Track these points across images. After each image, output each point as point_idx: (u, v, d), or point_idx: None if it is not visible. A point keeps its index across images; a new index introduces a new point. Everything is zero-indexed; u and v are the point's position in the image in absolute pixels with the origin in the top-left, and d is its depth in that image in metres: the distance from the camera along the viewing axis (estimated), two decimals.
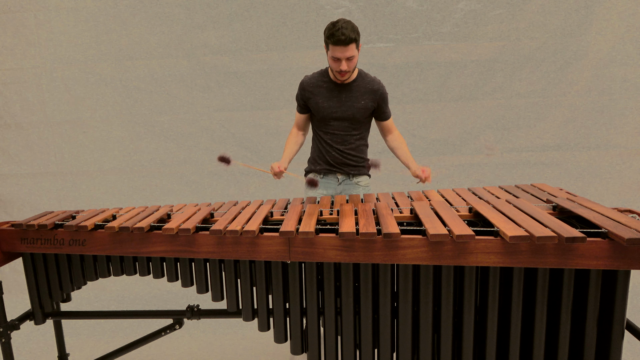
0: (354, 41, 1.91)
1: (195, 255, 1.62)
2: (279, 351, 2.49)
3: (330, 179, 2.25)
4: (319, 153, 2.24)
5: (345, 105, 2.10)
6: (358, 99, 2.10)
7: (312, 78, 2.15)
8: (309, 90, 2.13)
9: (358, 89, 2.10)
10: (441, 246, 1.38)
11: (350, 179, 2.25)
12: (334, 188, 2.25)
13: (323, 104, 2.11)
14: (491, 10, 3.08)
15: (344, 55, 1.92)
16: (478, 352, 1.49)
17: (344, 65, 1.95)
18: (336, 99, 2.10)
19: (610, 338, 1.37)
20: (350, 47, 1.91)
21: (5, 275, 3.46)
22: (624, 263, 1.29)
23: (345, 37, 1.87)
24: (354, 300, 1.54)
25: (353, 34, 1.89)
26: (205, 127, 3.36)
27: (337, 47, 1.90)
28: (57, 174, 3.46)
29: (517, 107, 3.20)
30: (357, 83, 2.10)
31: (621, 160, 3.20)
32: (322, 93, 2.11)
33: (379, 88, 2.12)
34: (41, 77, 3.34)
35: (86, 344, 2.66)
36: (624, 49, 3.07)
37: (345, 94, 2.10)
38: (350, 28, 1.89)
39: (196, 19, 3.21)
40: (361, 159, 2.24)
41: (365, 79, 2.12)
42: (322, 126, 2.18)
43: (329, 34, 1.91)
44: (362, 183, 2.27)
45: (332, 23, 1.93)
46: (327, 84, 2.11)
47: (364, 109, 2.11)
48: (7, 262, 1.85)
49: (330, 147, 2.18)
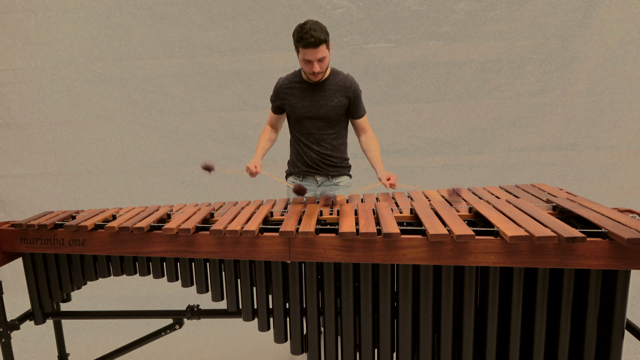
0: (323, 42, 1.90)
1: (195, 255, 1.62)
2: (279, 351, 2.49)
3: (309, 181, 2.25)
4: (296, 155, 2.24)
5: (319, 104, 2.10)
6: (331, 97, 2.10)
7: (286, 79, 2.15)
8: (283, 92, 2.14)
9: (331, 87, 2.10)
10: (441, 246, 1.38)
11: (329, 179, 2.24)
12: (313, 190, 2.25)
13: (297, 104, 2.12)
14: (491, 10, 3.08)
15: (315, 57, 1.92)
16: (478, 352, 1.49)
17: (316, 67, 1.95)
18: (309, 99, 2.11)
19: (610, 338, 1.37)
20: (320, 48, 1.90)
21: (5, 275, 3.46)
22: (624, 263, 1.29)
23: (314, 39, 1.86)
24: (354, 300, 1.54)
25: (322, 34, 1.88)
26: (205, 127, 3.36)
27: (307, 49, 1.90)
28: (57, 174, 3.46)
29: (517, 107, 3.20)
30: (329, 81, 2.10)
31: (621, 160, 3.20)
32: (296, 93, 2.12)
33: (352, 85, 2.12)
34: (41, 77, 3.33)
35: (86, 344, 2.66)
36: (624, 49, 3.06)
37: (318, 93, 2.10)
38: (319, 29, 1.88)
39: (196, 19, 3.21)
40: (340, 159, 2.23)
41: (338, 76, 2.12)
42: (297, 127, 2.18)
43: (298, 38, 1.90)
44: (342, 183, 2.27)
45: (299, 26, 1.91)
46: (300, 84, 2.12)
47: (338, 107, 2.11)
48: (7, 262, 1.85)
49: (308, 148, 2.18)
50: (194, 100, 3.33)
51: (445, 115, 3.25)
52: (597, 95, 3.14)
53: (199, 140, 3.38)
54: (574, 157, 3.23)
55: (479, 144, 3.26)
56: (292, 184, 2.11)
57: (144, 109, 3.35)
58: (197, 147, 3.39)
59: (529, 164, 3.26)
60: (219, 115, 3.35)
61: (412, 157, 3.32)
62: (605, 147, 3.19)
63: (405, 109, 3.25)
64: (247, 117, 3.34)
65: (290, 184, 2.18)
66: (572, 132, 3.20)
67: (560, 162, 3.25)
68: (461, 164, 3.29)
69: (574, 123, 3.19)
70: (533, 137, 3.23)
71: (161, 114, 3.36)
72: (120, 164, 3.43)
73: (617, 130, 3.17)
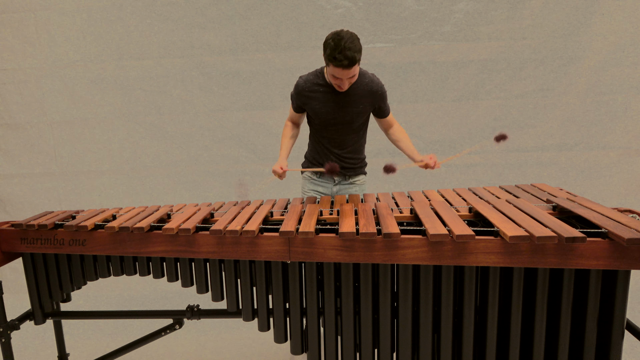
0: (357, 62, 1.75)
1: (195, 255, 1.62)
2: (279, 351, 2.49)
3: (326, 179, 2.21)
4: (315, 154, 2.19)
5: (343, 110, 1.99)
6: (356, 103, 1.98)
7: (308, 81, 2.01)
8: (305, 95, 2.02)
9: (356, 92, 1.96)
10: (441, 246, 1.38)
11: (346, 179, 2.22)
12: (330, 188, 2.22)
13: (320, 109, 2.00)
14: (491, 10, 3.08)
15: (346, 76, 1.80)
16: (478, 352, 1.49)
17: (345, 84, 1.85)
18: (333, 104, 1.98)
19: (610, 338, 1.37)
20: (353, 68, 1.76)
21: (5, 275, 3.46)
22: (624, 263, 1.29)
23: (348, 62, 1.72)
24: (354, 300, 1.54)
25: (357, 54, 1.73)
26: (205, 127, 3.36)
27: (338, 69, 1.76)
28: (57, 174, 3.46)
29: (517, 107, 3.20)
30: (355, 85, 1.95)
31: (621, 160, 3.20)
32: (319, 98, 1.99)
33: (378, 89, 1.99)
34: (41, 77, 3.33)
35: (86, 344, 2.66)
36: (624, 49, 3.06)
37: (342, 97, 1.97)
38: (354, 47, 1.72)
39: (196, 19, 3.21)
40: (359, 160, 2.19)
41: (364, 79, 1.97)
42: (319, 129, 2.10)
43: (331, 56, 1.74)
44: (359, 182, 2.24)
45: (333, 40, 1.73)
46: (324, 88, 1.98)
47: (363, 113, 2.02)
48: (7, 262, 1.85)
49: (329, 151, 2.12)
50: (194, 100, 3.33)
51: (445, 115, 3.25)
52: (597, 95, 3.14)
53: (199, 140, 3.38)
54: (574, 157, 3.23)
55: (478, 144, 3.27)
56: (323, 167, 1.92)
57: (144, 109, 3.35)
58: (197, 147, 3.38)
59: (529, 164, 3.26)
60: (219, 115, 3.35)
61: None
62: (605, 147, 3.19)
63: (405, 109, 3.25)
64: (247, 117, 3.33)
65: (320, 169, 2.08)
66: (572, 132, 3.20)
67: (560, 162, 3.25)
68: (461, 164, 3.29)
69: (574, 123, 3.19)
70: (533, 137, 3.23)
71: (161, 114, 3.36)
72: (120, 164, 3.43)
73: (616, 130, 3.16)
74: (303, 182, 2.29)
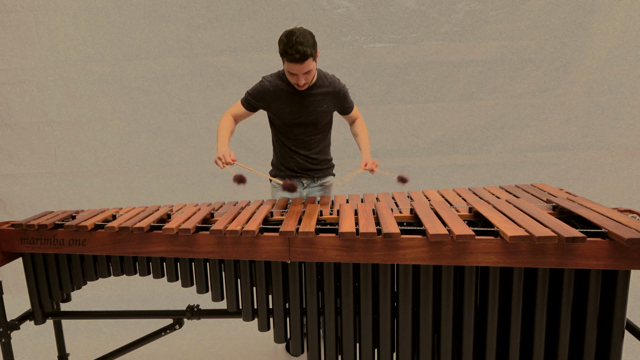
0: (310, 56, 1.80)
1: (195, 255, 1.62)
2: (279, 351, 2.49)
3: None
4: (282, 159, 2.19)
5: (307, 110, 2.03)
6: (320, 103, 2.04)
7: (272, 84, 2.02)
8: (268, 96, 2.03)
9: (319, 92, 2.03)
10: (441, 246, 1.38)
11: (315, 181, 2.25)
12: (299, 192, 2.24)
13: (285, 109, 2.03)
14: (491, 10, 3.08)
15: (300, 71, 1.84)
16: (478, 352, 1.49)
17: (301, 80, 1.88)
18: (297, 104, 2.02)
19: (610, 338, 1.37)
20: (306, 63, 1.81)
21: (5, 275, 3.46)
22: (624, 263, 1.29)
23: (299, 55, 1.77)
24: (354, 300, 1.54)
25: (309, 48, 1.78)
26: (205, 127, 3.36)
27: (292, 64, 1.82)
28: (57, 174, 3.46)
29: (517, 107, 3.20)
30: (317, 85, 2.02)
31: (621, 160, 3.20)
32: (283, 98, 2.02)
33: (340, 88, 2.07)
34: (41, 77, 3.33)
35: (86, 344, 2.66)
36: (624, 49, 3.06)
37: (306, 98, 2.02)
38: (306, 42, 1.77)
39: (196, 19, 3.21)
40: (326, 161, 2.23)
41: (325, 80, 2.05)
42: (284, 132, 2.11)
43: (283, 51, 1.80)
44: (327, 183, 2.28)
45: (285, 36, 1.80)
46: (287, 89, 2.01)
47: (327, 112, 2.08)
48: (7, 262, 1.85)
49: (295, 154, 2.14)
50: (194, 100, 3.33)
51: (445, 115, 3.25)
52: (597, 95, 3.14)
53: (199, 140, 3.38)
54: (574, 157, 3.23)
55: (479, 144, 3.26)
56: (282, 180, 2.07)
57: (144, 109, 3.35)
58: (197, 147, 3.38)
59: (529, 164, 3.26)
60: (219, 116, 3.34)
61: (412, 157, 3.32)
62: (605, 147, 3.19)
63: (405, 109, 3.25)
64: None
65: (273, 178, 2.13)
66: (572, 132, 3.20)
67: (560, 162, 3.25)
68: (461, 164, 3.29)
69: (574, 123, 3.19)
70: (533, 137, 3.23)
71: (161, 114, 3.36)
72: (120, 164, 3.43)
73: (616, 130, 3.17)
74: (272, 191, 2.30)
